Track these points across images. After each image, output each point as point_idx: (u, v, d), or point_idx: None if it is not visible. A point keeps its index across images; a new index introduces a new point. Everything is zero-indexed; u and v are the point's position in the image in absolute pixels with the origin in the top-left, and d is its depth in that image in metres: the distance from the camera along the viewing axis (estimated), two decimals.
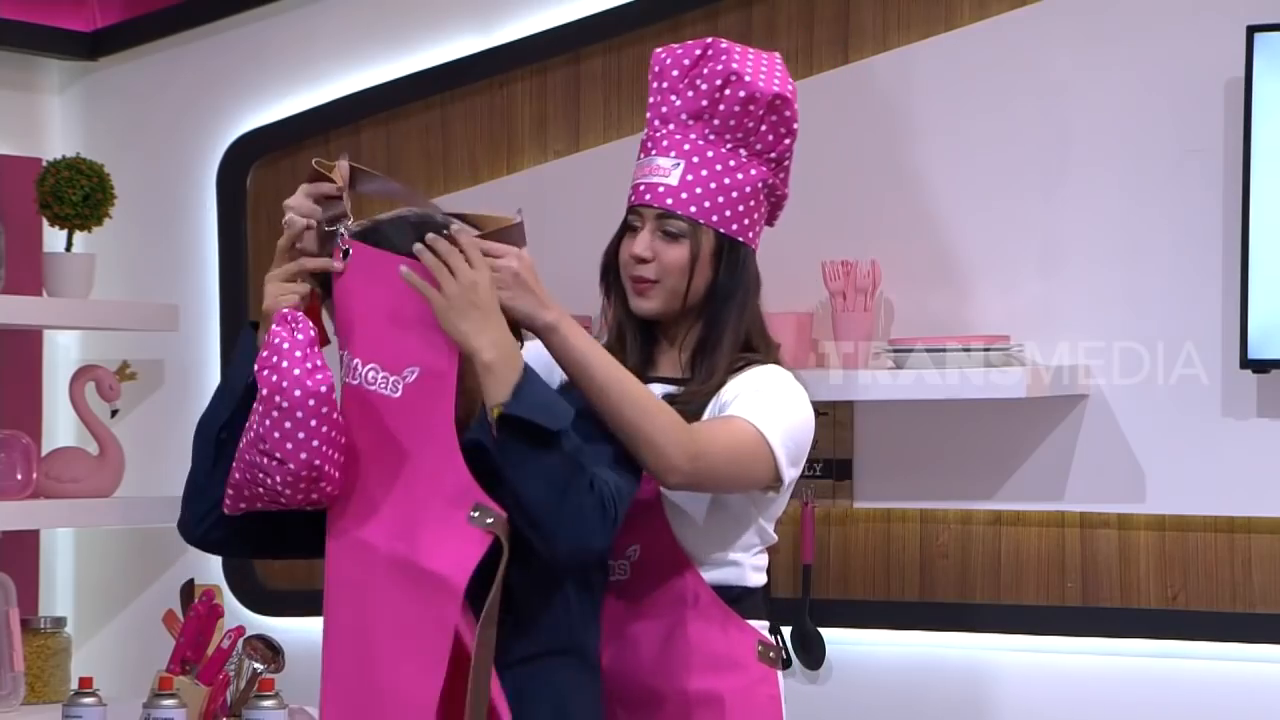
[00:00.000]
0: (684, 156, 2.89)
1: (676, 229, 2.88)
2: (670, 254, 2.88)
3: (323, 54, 4.34)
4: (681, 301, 2.89)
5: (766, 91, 2.90)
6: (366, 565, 2.60)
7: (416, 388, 2.60)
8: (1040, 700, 3.81)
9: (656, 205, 2.89)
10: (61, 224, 4.17)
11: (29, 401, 4.34)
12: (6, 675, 4.05)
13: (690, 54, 2.93)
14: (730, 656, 2.90)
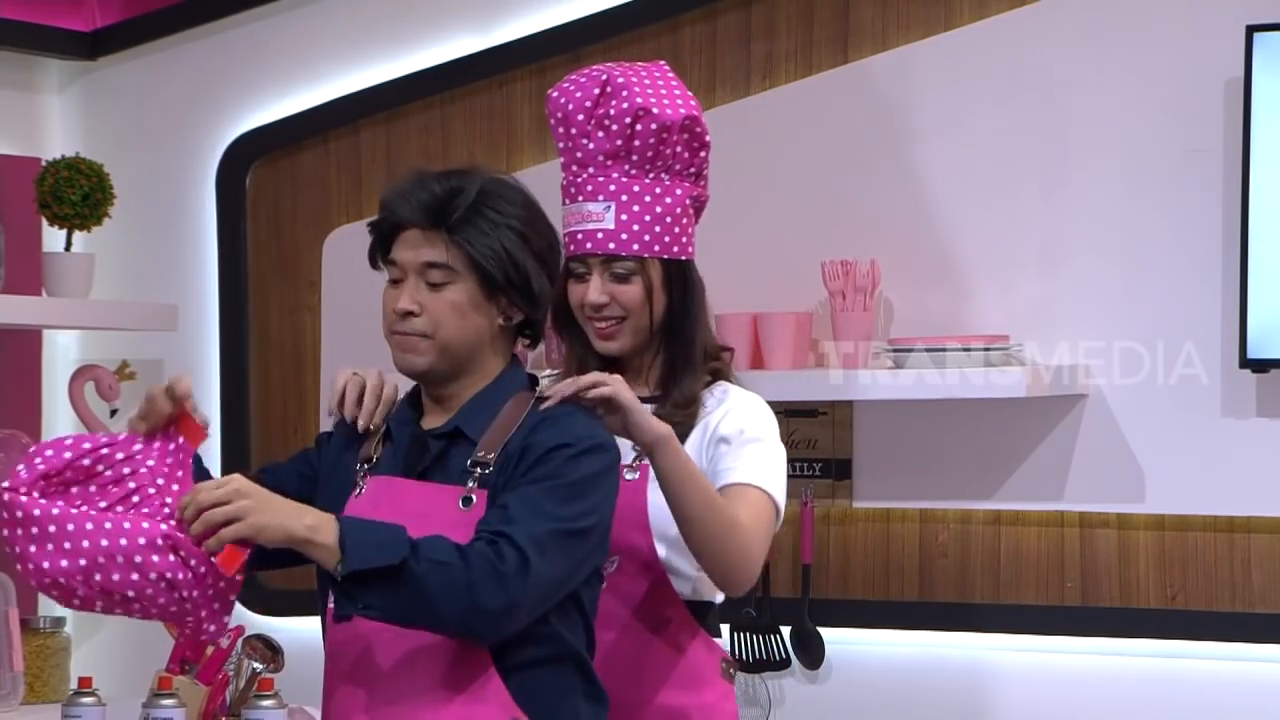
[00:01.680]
0: (612, 198, 2.94)
1: (625, 269, 2.93)
2: (626, 294, 2.94)
3: (322, 54, 4.34)
4: (647, 333, 2.96)
5: (676, 118, 2.95)
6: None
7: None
8: (1040, 700, 3.81)
9: (600, 252, 2.94)
10: (61, 224, 4.17)
11: (28, 401, 4.34)
12: (6, 675, 4.05)
13: (589, 94, 2.95)
14: (698, 673, 2.94)
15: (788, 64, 4.01)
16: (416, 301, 2.64)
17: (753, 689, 3.95)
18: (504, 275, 2.64)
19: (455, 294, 2.64)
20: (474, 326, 2.66)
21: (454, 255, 2.63)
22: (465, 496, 2.62)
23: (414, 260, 2.65)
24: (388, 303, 2.68)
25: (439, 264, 2.64)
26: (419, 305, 2.64)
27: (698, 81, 4.06)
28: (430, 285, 2.64)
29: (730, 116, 4.02)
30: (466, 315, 2.65)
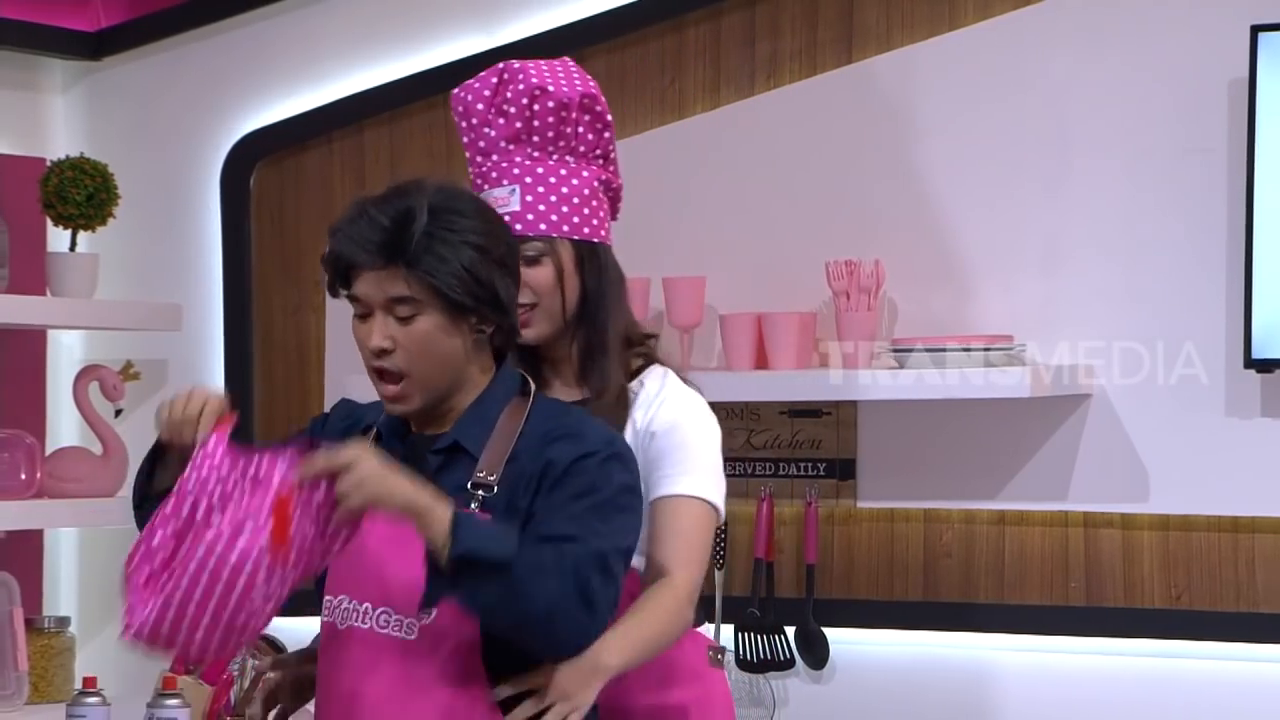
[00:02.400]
0: (516, 181, 2.91)
1: (535, 250, 2.88)
2: (537, 277, 2.87)
3: (326, 54, 4.34)
4: (561, 318, 2.90)
5: (573, 94, 2.92)
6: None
7: (434, 629, 2.57)
8: (1044, 700, 3.80)
9: None
10: (65, 224, 4.18)
11: (33, 401, 4.34)
12: (10, 675, 4.05)
13: (488, 84, 2.94)
14: (688, 666, 2.93)
15: (792, 64, 4.01)
16: (389, 337, 2.59)
17: (757, 689, 3.95)
18: (471, 296, 2.59)
19: (425, 324, 2.59)
20: (448, 352, 2.61)
21: (417, 288, 2.58)
22: None
23: (378, 297, 2.59)
24: (360, 338, 2.63)
25: (403, 298, 2.59)
26: (392, 340, 2.59)
27: (702, 82, 4.06)
28: (398, 319, 2.59)
29: (734, 117, 4.02)
30: (439, 343, 2.60)
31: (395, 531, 2.57)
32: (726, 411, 4.00)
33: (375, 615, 2.59)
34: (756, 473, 3.99)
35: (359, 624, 2.60)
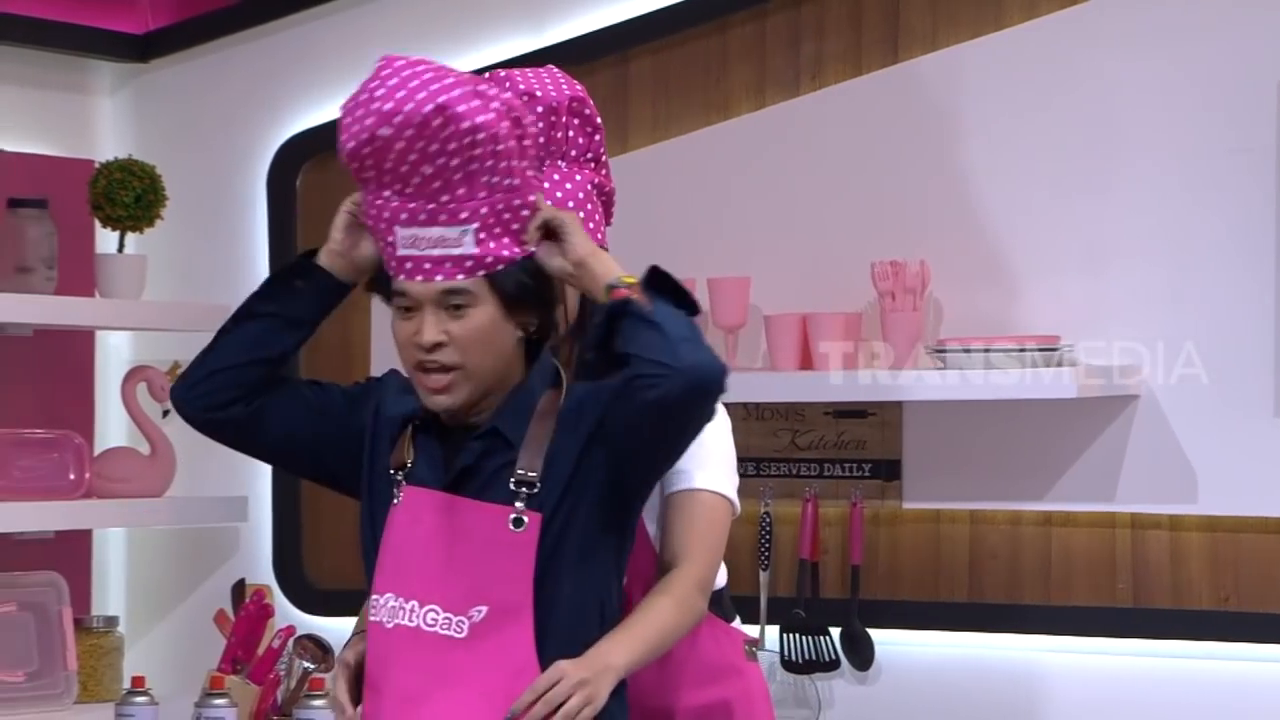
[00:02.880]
0: None
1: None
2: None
3: (373, 55, 4.27)
4: (564, 322, 2.88)
5: (561, 98, 2.90)
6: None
7: (485, 626, 2.58)
8: (1090, 702, 3.79)
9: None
10: (114, 225, 4.20)
11: (81, 402, 4.37)
12: (60, 674, 4.07)
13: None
14: (726, 662, 2.94)
15: (837, 64, 4.00)
16: (442, 331, 2.59)
17: (802, 690, 3.95)
18: (523, 290, 2.60)
19: (479, 316, 2.59)
20: (499, 348, 2.62)
21: (472, 281, 2.59)
22: (516, 518, 2.60)
23: (429, 291, 2.59)
24: (404, 335, 2.61)
25: (458, 290, 2.59)
26: (445, 334, 2.59)
27: (746, 83, 4.06)
28: (451, 311, 2.59)
29: (779, 117, 4.02)
30: (492, 335, 2.60)
31: (442, 529, 2.58)
32: (771, 412, 4.00)
33: (423, 613, 2.60)
34: (801, 473, 3.98)
35: (406, 622, 2.60)
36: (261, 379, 2.70)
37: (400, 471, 2.66)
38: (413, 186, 2.58)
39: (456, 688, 2.57)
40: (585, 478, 2.62)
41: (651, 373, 2.51)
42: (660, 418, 2.55)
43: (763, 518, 3.98)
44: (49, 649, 4.05)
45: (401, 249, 2.60)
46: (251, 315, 2.72)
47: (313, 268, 2.71)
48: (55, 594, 4.10)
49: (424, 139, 2.56)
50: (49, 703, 4.03)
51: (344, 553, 4.22)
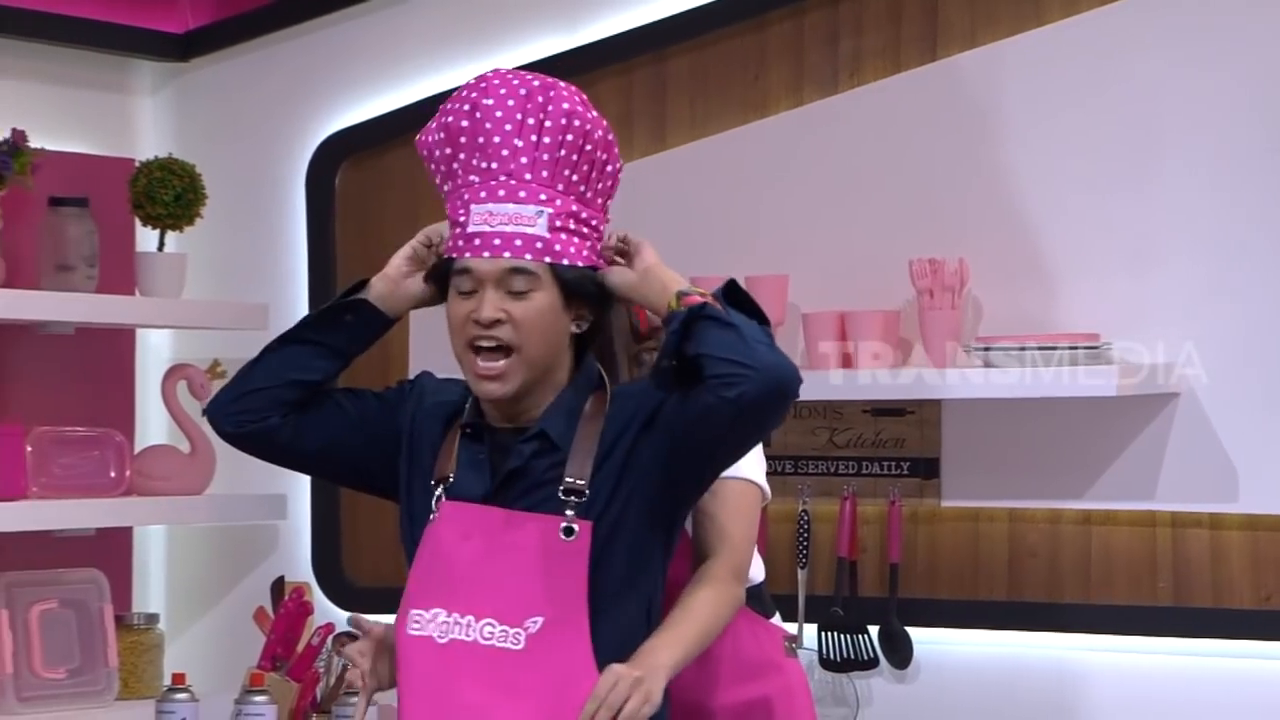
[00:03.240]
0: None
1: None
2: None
3: (410, 53, 4.36)
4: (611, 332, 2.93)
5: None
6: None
7: (542, 636, 2.59)
8: (1130, 701, 3.77)
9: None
10: (154, 224, 4.22)
11: (122, 400, 4.39)
12: (101, 671, 4.10)
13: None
14: (766, 658, 2.95)
15: (875, 61, 3.99)
16: (501, 309, 2.60)
17: (840, 688, 3.94)
18: (581, 282, 2.62)
19: (540, 300, 2.61)
20: (554, 336, 2.63)
21: (537, 264, 2.61)
22: (567, 527, 2.60)
23: (494, 269, 2.61)
24: (461, 313, 2.62)
25: (525, 270, 2.61)
26: (505, 313, 2.60)
27: (784, 80, 4.06)
28: (513, 293, 2.61)
29: (818, 115, 4.01)
30: (549, 322, 2.62)
31: (491, 542, 2.59)
32: (809, 410, 4.00)
33: (479, 627, 2.60)
34: (839, 471, 3.98)
35: (462, 637, 2.60)
36: (297, 400, 2.73)
37: (441, 485, 2.67)
38: (499, 160, 2.62)
39: (520, 699, 2.57)
40: (634, 482, 2.62)
41: (729, 372, 2.52)
42: (735, 417, 2.55)
43: (801, 516, 3.97)
44: (90, 646, 4.07)
45: (473, 226, 2.62)
46: (297, 340, 2.76)
47: (362, 304, 2.75)
48: (97, 591, 4.12)
49: (523, 111, 2.62)
50: (90, 699, 4.05)
51: (382, 551, 4.24)
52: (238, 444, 2.78)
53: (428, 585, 2.63)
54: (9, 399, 4.17)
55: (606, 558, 2.60)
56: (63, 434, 4.09)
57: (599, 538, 2.60)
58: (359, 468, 2.76)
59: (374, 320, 2.75)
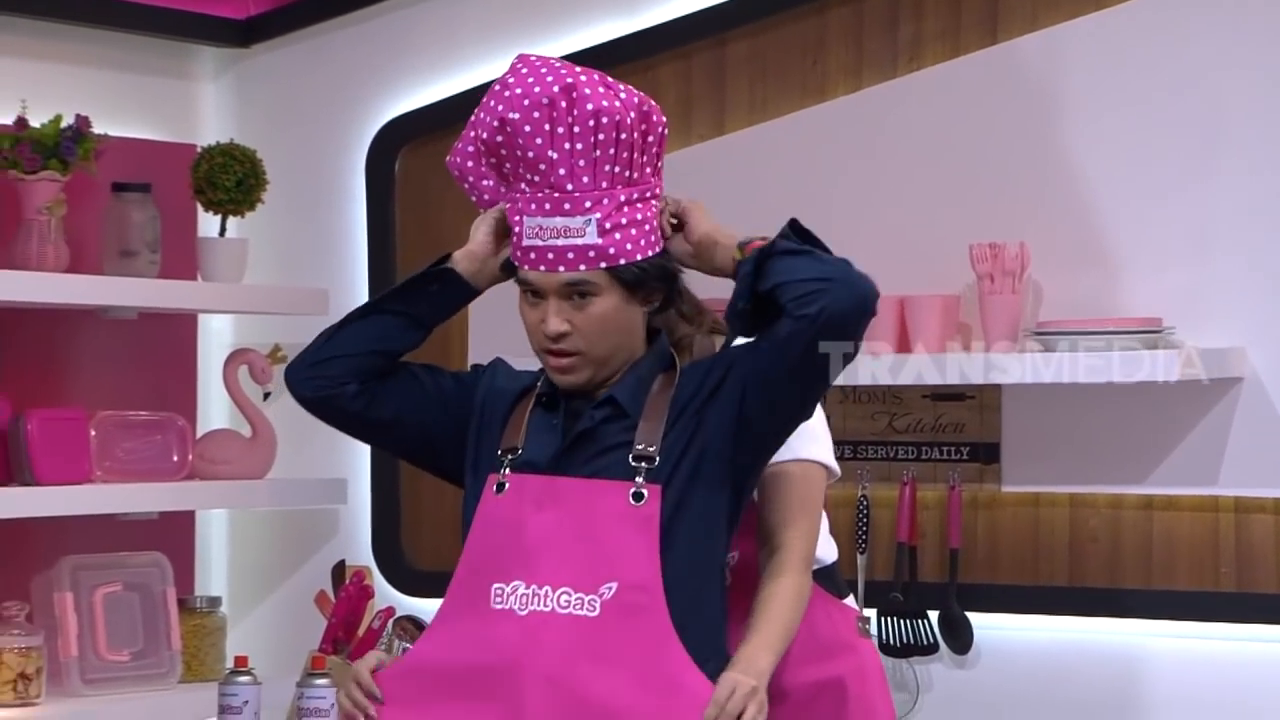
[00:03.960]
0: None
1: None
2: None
3: (469, 39, 4.37)
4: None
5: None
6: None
7: (616, 602, 2.61)
8: (1192, 686, 3.76)
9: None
10: (215, 209, 4.24)
11: (184, 385, 4.42)
12: (164, 653, 4.13)
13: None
14: (839, 638, 2.97)
15: (935, 45, 3.98)
16: (566, 321, 2.67)
17: (900, 674, 3.94)
18: (641, 276, 2.67)
19: (602, 305, 2.67)
20: (625, 329, 2.69)
21: (594, 272, 2.66)
22: (636, 492, 2.63)
23: (552, 282, 2.67)
24: (531, 321, 2.70)
25: (580, 283, 2.67)
26: (569, 324, 2.67)
27: (844, 64, 4.05)
28: (575, 300, 2.66)
29: (877, 99, 4.00)
30: (616, 324, 2.68)
31: (562, 511, 2.63)
32: (868, 395, 3.99)
33: (556, 596, 2.63)
34: (899, 456, 3.97)
35: (540, 607, 2.63)
36: (377, 369, 2.77)
37: (509, 455, 2.71)
38: (539, 174, 2.65)
39: (601, 664, 2.60)
40: (703, 447, 2.66)
41: (808, 291, 2.57)
42: (815, 337, 2.58)
43: (860, 501, 3.97)
44: (154, 629, 4.11)
45: (527, 239, 2.68)
46: (380, 310, 2.80)
47: (449, 273, 2.78)
48: (160, 574, 4.15)
49: (549, 121, 2.64)
50: (154, 682, 4.09)
51: (442, 535, 4.25)
52: (313, 407, 2.81)
53: (504, 559, 2.66)
54: (73, 384, 4.20)
55: (675, 523, 2.64)
56: (126, 418, 4.12)
57: (668, 502, 2.63)
58: (427, 442, 2.79)
59: (459, 291, 2.79)
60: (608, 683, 2.59)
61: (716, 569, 2.70)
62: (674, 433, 2.65)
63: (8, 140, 3.95)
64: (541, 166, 2.65)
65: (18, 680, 3.89)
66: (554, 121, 2.64)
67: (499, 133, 2.67)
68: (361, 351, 2.76)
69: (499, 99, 2.68)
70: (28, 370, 4.13)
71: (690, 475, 2.65)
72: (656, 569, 2.61)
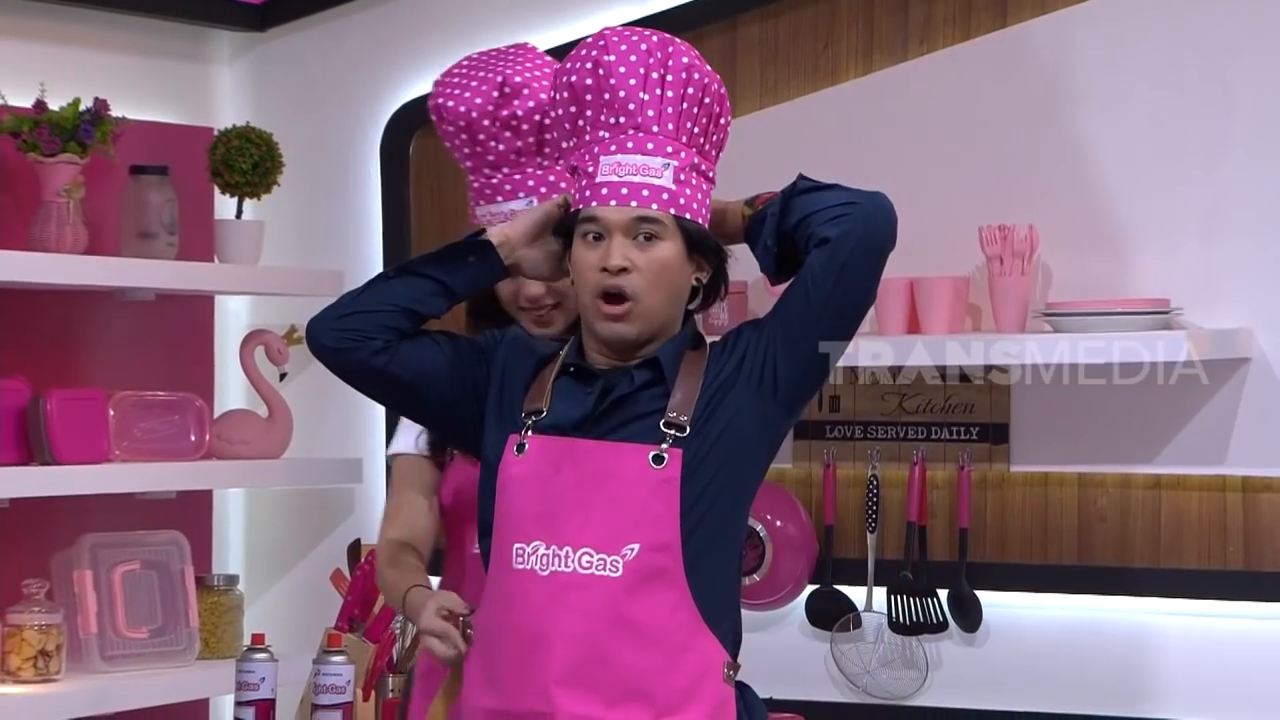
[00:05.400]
0: (533, 193, 2.95)
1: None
2: (567, 283, 2.94)
3: (484, 22, 4.38)
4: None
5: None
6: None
7: (638, 564, 2.63)
8: (1200, 665, 3.78)
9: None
10: (232, 192, 4.27)
11: (201, 365, 4.45)
12: (182, 630, 4.17)
13: (490, 99, 2.93)
14: None
15: (946, 28, 3.99)
16: (628, 257, 2.67)
17: (910, 651, 3.97)
18: (702, 234, 2.70)
19: (665, 250, 2.68)
20: (676, 287, 2.70)
21: (664, 214, 2.68)
22: (657, 455, 2.65)
23: (622, 218, 2.67)
24: (590, 261, 2.68)
25: (652, 219, 2.67)
26: (631, 261, 2.67)
27: (855, 47, 4.06)
28: (640, 241, 2.67)
29: (888, 81, 4.02)
30: (672, 272, 2.69)
31: (583, 472, 2.65)
32: (878, 376, 4.01)
33: (578, 557, 2.64)
34: (909, 437, 4.00)
35: (562, 568, 2.64)
36: (402, 329, 2.77)
37: (533, 417, 2.72)
38: (626, 115, 2.69)
39: (624, 625, 2.62)
40: (730, 414, 2.68)
41: (838, 215, 2.67)
42: (847, 259, 2.65)
43: (870, 481, 4.00)
44: (172, 606, 4.14)
45: (601, 176, 2.69)
46: (414, 272, 2.80)
47: (486, 245, 2.79)
48: (178, 553, 4.18)
49: (645, 66, 2.69)
50: (172, 659, 4.12)
51: None
52: (332, 359, 2.79)
53: (524, 519, 2.68)
54: (92, 364, 4.23)
55: (695, 486, 2.65)
56: (144, 399, 4.15)
57: (688, 466, 2.65)
58: (445, 404, 2.79)
59: (493, 267, 2.80)
60: (630, 643, 2.61)
61: (735, 534, 2.71)
62: (704, 402, 2.67)
63: (27, 123, 3.96)
64: (631, 106, 2.68)
65: (38, 657, 3.93)
66: (649, 66, 2.69)
67: (591, 75, 2.70)
68: (391, 308, 2.75)
69: (595, 46, 2.72)
70: (47, 351, 4.15)
71: (714, 442, 2.66)
72: (677, 531, 2.63)
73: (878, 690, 3.99)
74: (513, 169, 2.95)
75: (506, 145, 2.94)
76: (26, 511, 4.03)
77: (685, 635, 2.63)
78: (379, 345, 2.75)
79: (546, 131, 2.93)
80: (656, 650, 2.62)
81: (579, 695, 2.60)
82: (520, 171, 2.95)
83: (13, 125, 3.96)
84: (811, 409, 4.05)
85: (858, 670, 4.00)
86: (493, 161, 2.95)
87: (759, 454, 2.72)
